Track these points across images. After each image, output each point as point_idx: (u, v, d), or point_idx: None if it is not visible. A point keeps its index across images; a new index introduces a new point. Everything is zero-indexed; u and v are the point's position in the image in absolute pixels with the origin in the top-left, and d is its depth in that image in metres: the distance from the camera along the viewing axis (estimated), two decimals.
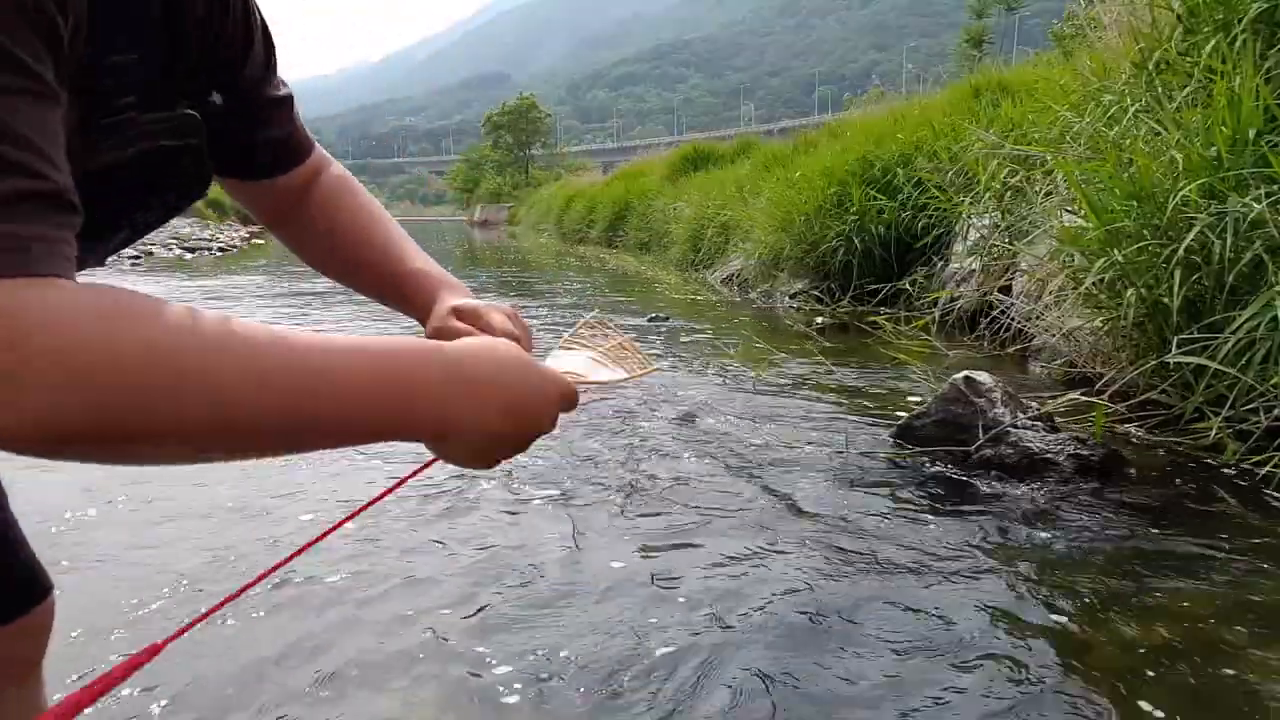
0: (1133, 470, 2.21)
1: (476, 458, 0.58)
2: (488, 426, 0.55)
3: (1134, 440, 2.51)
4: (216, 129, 0.67)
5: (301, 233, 0.85)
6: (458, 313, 0.76)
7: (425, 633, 1.44)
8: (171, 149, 0.62)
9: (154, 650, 0.46)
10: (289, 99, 0.79)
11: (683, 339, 4.68)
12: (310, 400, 0.47)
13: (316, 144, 0.85)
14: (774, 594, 1.58)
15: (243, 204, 0.84)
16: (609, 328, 0.66)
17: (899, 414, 2.76)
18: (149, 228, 0.69)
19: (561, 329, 5.08)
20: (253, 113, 0.76)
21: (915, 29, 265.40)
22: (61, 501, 2.01)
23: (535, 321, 5.45)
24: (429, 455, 0.58)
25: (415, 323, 0.82)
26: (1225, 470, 2.21)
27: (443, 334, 0.75)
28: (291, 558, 0.57)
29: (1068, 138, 3.76)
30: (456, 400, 0.54)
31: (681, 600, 1.56)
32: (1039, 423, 2.35)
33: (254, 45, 0.72)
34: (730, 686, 1.28)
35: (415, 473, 0.63)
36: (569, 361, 0.81)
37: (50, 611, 0.80)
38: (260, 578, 0.55)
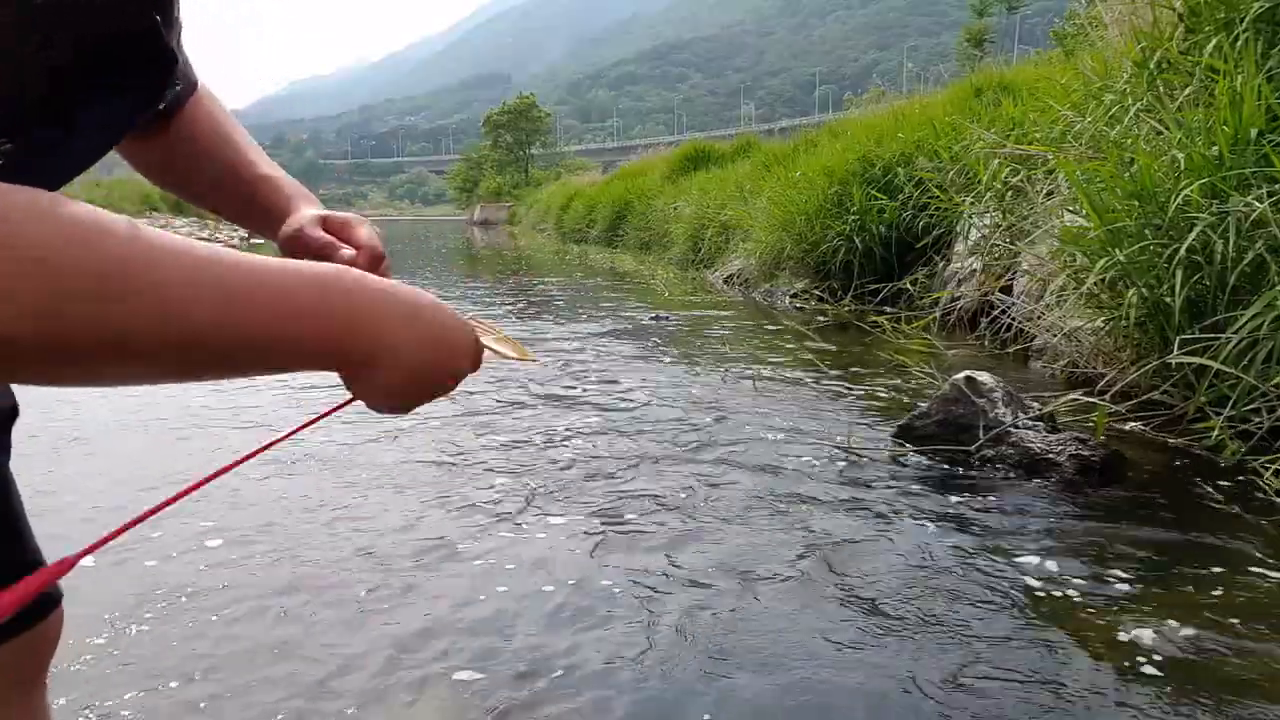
0: (1134, 471, 2.21)
1: (395, 394, 0.56)
2: (416, 355, 0.54)
3: (1136, 440, 2.51)
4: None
5: (161, 152, 0.78)
6: (325, 222, 0.73)
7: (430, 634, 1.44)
8: (130, 34, 0.56)
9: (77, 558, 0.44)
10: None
11: (684, 337, 4.67)
12: (249, 310, 0.44)
13: None
14: (771, 593, 1.57)
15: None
16: (485, 322, 0.69)
17: (900, 413, 2.76)
18: (120, 130, 0.64)
19: (563, 328, 5.06)
20: (175, 31, 0.71)
21: (915, 29, 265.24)
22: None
23: (538, 321, 5.43)
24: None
25: None
26: (1227, 470, 2.21)
27: (298, 242, 0.71)
28: (197, 486, 0.54)
29: (1069, 137, 3.76)
30: (392, 322, 0.53)
31: (680, 599, 1.55)
32: (1040, 423, 2.35)
33: None
34: (719, 685, 1.27)
35: (333, 410, 0.62)
36: None
37: (58, 624, 0.74)
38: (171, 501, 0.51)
